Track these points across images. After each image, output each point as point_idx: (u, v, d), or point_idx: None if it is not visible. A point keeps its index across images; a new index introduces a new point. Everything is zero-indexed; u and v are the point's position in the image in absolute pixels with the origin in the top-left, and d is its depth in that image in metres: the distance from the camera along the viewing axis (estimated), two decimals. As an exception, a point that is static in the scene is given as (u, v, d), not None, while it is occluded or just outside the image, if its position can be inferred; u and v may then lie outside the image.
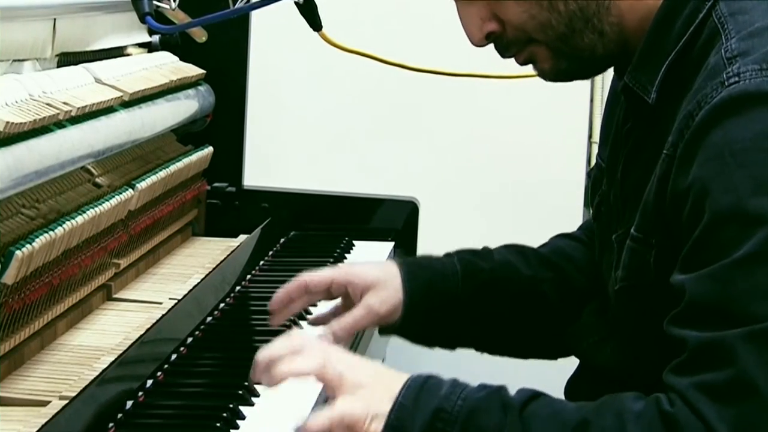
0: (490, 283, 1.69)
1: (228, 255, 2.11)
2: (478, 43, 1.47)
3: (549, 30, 1.42)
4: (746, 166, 1.25)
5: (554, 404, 1.32)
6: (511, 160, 2.76)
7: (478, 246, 1.77)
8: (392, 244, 2.34)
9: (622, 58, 1.46)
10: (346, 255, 2.22)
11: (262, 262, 2.13)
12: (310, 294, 1.65)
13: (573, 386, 1.62)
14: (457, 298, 1.67)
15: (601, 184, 1.60)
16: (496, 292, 1.69)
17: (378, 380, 1.36)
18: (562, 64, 1.45)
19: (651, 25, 1.41)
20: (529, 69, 2.13)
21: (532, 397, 1.32)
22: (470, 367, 1.65)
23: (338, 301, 1.68)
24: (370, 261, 1.69)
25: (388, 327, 1.67)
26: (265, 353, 1.39)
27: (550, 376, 1.70)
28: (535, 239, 1.85)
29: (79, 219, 1.66)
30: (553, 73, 1.47)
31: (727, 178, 1.26)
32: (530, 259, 1.73)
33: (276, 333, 1.68)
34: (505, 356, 1.75)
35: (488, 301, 1.69)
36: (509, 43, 1.46)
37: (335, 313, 1.67)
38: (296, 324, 1.76)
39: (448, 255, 1.72)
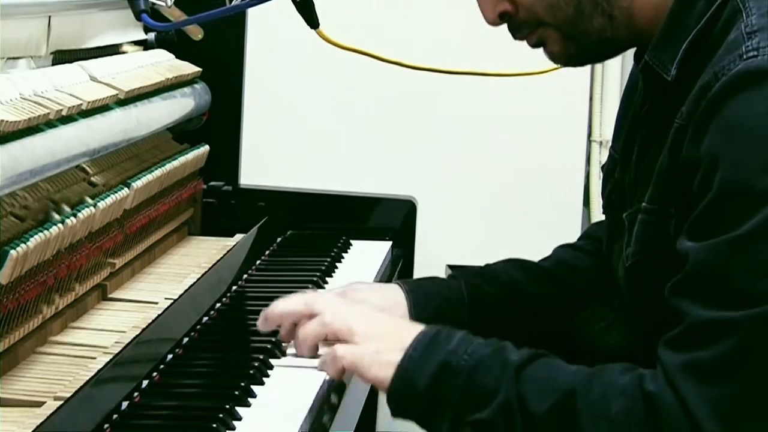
0: (497, 308, 1.71)
1: (224, 254, 2.11)
2: (492, 23, 1.50)
3: (558, 12, 1.45)
4: (758, 144, 1.27)
5: (551, 367, 1.37)
6: (510, 159, 2.75)
7: (476, 245, 1.76)
8: (390, 243, 2.33)
9: (634, 44, 1.49)
10: (344, 254, 2.21)
11: (258, 262, 2.13)
12: None
13: None
14: (464, 323, 1.67)
15: (613, 173, 1.61)
16: (502, 316, 1.71)
17: (391, 330, 1.45)
18: (571, 48, 1.48)
19: (672, 4, 1.42)
20: (527, 67, 2.13)
21: (533, 357, 1.37)
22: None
23: None
24: (373, 284, 1.70)
25: None
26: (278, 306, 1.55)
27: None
28: (534, 238, 1.85)
29: (74, 218, 1.65)
30: (562, 57, 1.50)
31: (738, 153, 1.27)
32: (535, 276, 1.74)
33: (272, 333, 1.67)
34: None
35: (494, 324, 1.70)
36: (520, 24, 1.49)
37: None
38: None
39: (453, 277, 1.73)
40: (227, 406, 1.43)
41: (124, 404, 1.45)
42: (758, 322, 1.24)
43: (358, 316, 1.48)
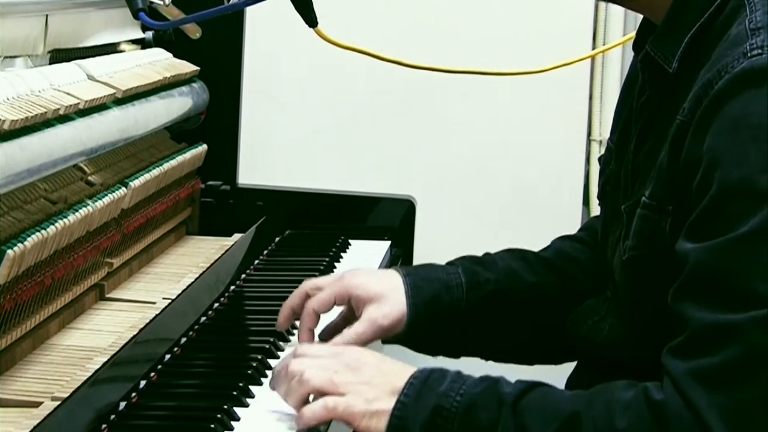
0: (495, 294, 1.68)
1: (222, 254, 2.10)
2: None
3: None
4: (760, 142, 1.25)
5: (548, 396, 1.33)
6: (510, 159, 2.74)
7: (476, 245, 1.75)
8: (389, 243, 2.33)
9: (630, 6, 1.48)
10: (342, 254, 2.21)
11: (256, 262, 2.12)
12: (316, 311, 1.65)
13: (573, 383, 1.61)
14: (462, 309, 1.67)
15: (609, 164, 1.60)
16: (500, 302, 1.69)
17: (377, 375, 1.39)
18: None
19: None
20: (527, 66, 2.12)
21: (527, 389, 1.33)
22: (470, 368, 1.63)
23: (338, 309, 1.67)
24: (371, 270, 1.67)
25: (390, 338, 1.66)
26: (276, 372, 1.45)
27: (550, 374, 1.69)
28: (533, 237, 1.83)
29: (72, 218, 1.64)
30: None
31: (740, 151, 1.25)
32: (533, 265, 1.72)
33: (271, 333, 1.67)
34: (511, 363, 1.74)
35: (492, 311, 1.68)
36: None
37: (338, 322, 1.67)
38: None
39: (451, 264, 1.71)
40: (225, 407, 1.43)
41: (122, 404, 1.45)
42: (763, 324, 1.22)
43: (339, 366, 1.41)
